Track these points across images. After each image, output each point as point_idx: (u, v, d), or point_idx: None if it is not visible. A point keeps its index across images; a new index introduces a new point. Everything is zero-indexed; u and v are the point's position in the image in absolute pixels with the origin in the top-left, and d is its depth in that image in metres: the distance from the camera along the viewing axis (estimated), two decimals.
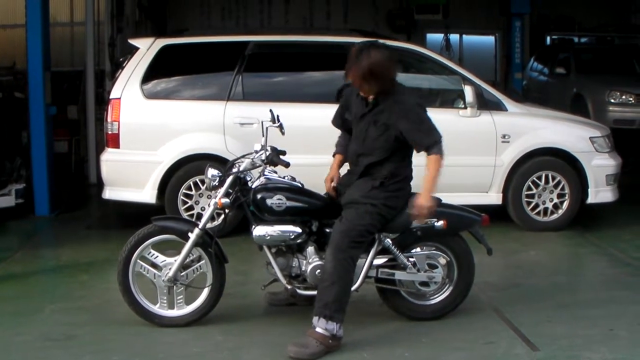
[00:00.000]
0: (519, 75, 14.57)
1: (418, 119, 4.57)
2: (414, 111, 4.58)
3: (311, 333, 4.44)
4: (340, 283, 4.46)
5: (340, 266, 4.46)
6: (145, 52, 7.39)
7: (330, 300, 4.43)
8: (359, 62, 4.49)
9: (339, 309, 4.46)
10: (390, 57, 4.59)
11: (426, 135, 4.56)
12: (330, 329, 4.42)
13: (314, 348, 4.39)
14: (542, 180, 7.56)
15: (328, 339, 4.43)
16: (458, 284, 4.95)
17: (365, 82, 4.53)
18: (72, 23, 14.79)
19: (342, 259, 4.47)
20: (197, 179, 7.14)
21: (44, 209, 8.36)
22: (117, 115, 7.22)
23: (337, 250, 4.47)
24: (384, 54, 4.55)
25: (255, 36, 8.03)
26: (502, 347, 4.61)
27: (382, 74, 4.51)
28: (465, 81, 7.49)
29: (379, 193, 4.59)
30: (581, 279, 6.49)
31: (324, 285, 4.48)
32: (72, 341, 4.69)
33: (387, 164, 4.62)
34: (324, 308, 4.44)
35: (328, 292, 4.45)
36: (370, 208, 4.55)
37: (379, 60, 4.49)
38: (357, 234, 4.52)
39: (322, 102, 7.17)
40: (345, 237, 4.49)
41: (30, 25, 8.38)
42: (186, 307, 4.84)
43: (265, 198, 4.63)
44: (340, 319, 4.47)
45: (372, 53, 4.51)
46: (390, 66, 4.56)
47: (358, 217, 4.53)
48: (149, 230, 4.78)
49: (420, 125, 4.57)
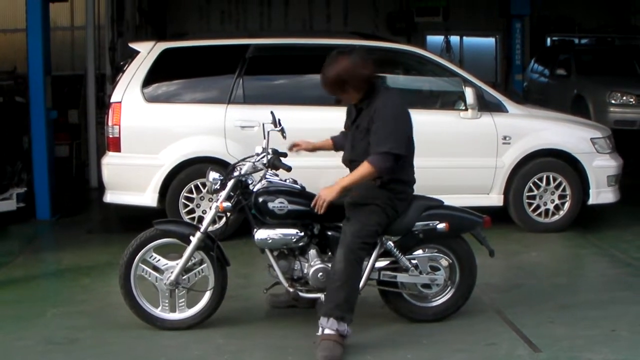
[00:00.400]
0: (520, 76, 14.57)
1: (383, 122, 4.46)
2: (385, 113, 4.48)
3: (328, 337, 4.41)
4: (350, 283, 4.46)
5: (351, 267, 4.46)
6: (145, 56, 7.40)
7: (341, 301, 4.43)
8: (325, 72, 4.52)
9: (349, 310, 4.46)
10: (359, 62, 4.51)
11: (381, 140, 4.43)
12: (342, 330, 4.43)
13: (339, 350, 4.39)
14: (543, 182, 7.55)
15: (342, 337, 4.43)
16: (460, 286, 4.95)
17: (338, 90, 4.55)
18: (73, 27, 14.80)
19: (353, 260, 4.47)
20: (198, 182, 7.14)
21: (45, 213, 8.36)
22: (118, 119, 7.23)
23: (349, 251, 4.46)
24: (351, 59, 4.50)
25: (256, 39, 8.04)
26: (504, 348, 4.61)
27: (350, 79, 4.48)
28: (466, 83, 7.49)
29: (382, 193, 4.59)
30: (582, 280, 6.48)
31: (334, 286, 4.46)
32: (74, 345, 4.69)
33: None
34: (335, 309, 4.43)
35: (339, 293, 4.44)
36: (374, 208, 4.55)
37: (345, 67, 4.48)
38: (367, 234, 4.52)
39: (323, 105, 7.17)
40: (357, 238, 4.48)
41: (30, 30, 8.38)
42: (188, 310, 4.84)
43: (267, 201, 4.63)
44: (351, 319, 4.47)
45: (339, 60, 4.51)
46: (358, 70, 4.49)
47: (367, 218, 4.53)
48: (150, 234, 4.79)
49: (383, 128, 4.45)
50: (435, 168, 7.23)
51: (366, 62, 4.56)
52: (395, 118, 4.49)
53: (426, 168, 7.00)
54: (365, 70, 4.52)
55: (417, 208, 4.73)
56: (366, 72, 4.52)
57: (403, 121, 4.54)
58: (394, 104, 4.56)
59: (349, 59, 4.51)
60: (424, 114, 7.48)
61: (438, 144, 7.37)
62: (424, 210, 4.75)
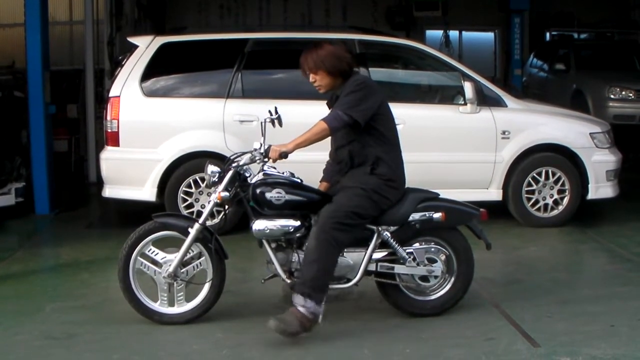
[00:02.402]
0: (519, 71, 14.58)
1: (343, 94, 4.64)
2: (345, 88, 4.66)
3: (293, 311, 4.49)
4: (321, 263, 4.49)
5: (321, 246, 4.49)
6: (144, 50, 7.39)
7: (308, 278, 4.48)
8: (308, 54, 4.72)
9: (317, 288, 4.48)
10: (339, 51, 4.72)
11: (338, 104, 4.63)
12: (309, 306, 4.46)
13: (295, 327, 4.44)
14: (542, 176, 7.56)
15: (306, 317, 4.46)
16: (457, 279, 4.95)
17: (311, 67, 4.69)
18: (71, 22, 14.78)
19: (324, 239, 4.49)
20: (197, 176, 7.14)
21: (44, 208, 8.37)
22: (116, 113, 7.22)
23: (320, 230, 4.51)
24: (334, 46, 4.74)
25: (255, 33, 8.04)
26: (503, 343, 4.61)
27: (325, 61, 4.65)
28: (465, 77, 7.49)
29: (369, 179, 4.65)
30: (581, 275, 6.49)
31: (304, 263, 4.54)
32: (73, 340, 4.69)
33: (369, 149, 4.67)
34: (302, 285, 4.49)
35: (308, 270, 4.49)
36: (359, 191, 4.60)
37: (326, 49, 4.68)
38: (343, 215, 4.54)
39: (321, 99, 7.14)
40: (330, 218, 4.52)
41: (29, 25, 8.38)
42: (186, 304, 4.84)
43: (265, 192, 4.64)
44: (319, 298, 4.49)
45: (322, 44, 4.75)
46: (335, 56, 4.67)
47: (346, 199, 4.59)
48: (149, 227, 4.79)
49: (342, 98, 4.63)
50: (434, 163, 7.25)
51: (345, 53, 4.74)
52: (354, 91, 4.63)
53: (425, 162, 7.10)
54: (343, 54, 4.71)
55: (413, 199, 4.76)
56: (344, 56, 4.71)
57: (364, 92, 4.64)
58: (355, 81, 4.70)
59: (332, 46, 4.75)
60: (423, 108, 7.50)
61: (437, 138, 7.38)
62: (420, 202, 4.78)
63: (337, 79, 4.72)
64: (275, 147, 4.56)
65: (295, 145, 4.57)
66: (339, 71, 4.70)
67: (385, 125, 4.74)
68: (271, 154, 4.56)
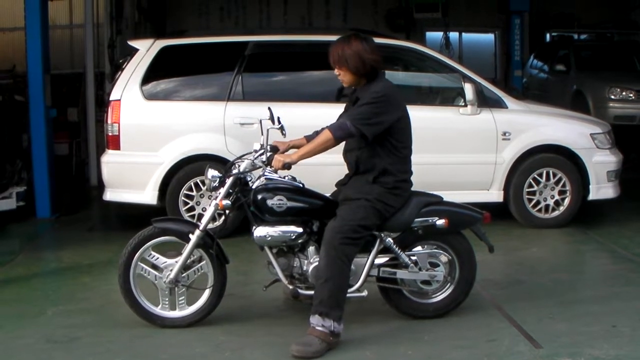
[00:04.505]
0: (519, 72, 14.56)
1: (361, 102, 4.56)
2: (366, 96, 4.57)
3: (311, 331, 4.45)
4: (334, 280, 4.46)
5: (333, 263, 4.46)
6: (144, 54, 7.40)
7: (325, 298, 4.44)
8: (335, 47, 4.61)
9: (334, 306, 4.45)
10: (367, 47, 4.60)
11: (349, 115, 4.55)
12: (328, 325, 4.43)
13: (316, 346, 4.40)
14: (543, 177, 7.56)
15: (328, 335, 4.43)
16: (460, 282, 4.95)
17: (338, 62, 4.59)
18: (72, 25, 14.78)
19: (335, 256, 4.46)
20: (197, 179, 7.14)
21: (45, 212, 8.37)
22: (117, 116, 7.23)
23: (329, 247, 4.47)
24: (363, 42, 4.60)
25: (255, 36, 8.03)
26: (505, 344, 4.61)
27: (350, 58, 4.54)
28: (465, 79, 7.49)
29: (373, 188, 4.59)
30: (583, 276, 6.48)
31: (318, 283, 4.49)
32: (75, 343, 4.69)
33: (377, 159, 4.61)
34: (319, 305, 4.45)
35: (322, 289, 4.45)
36: (363, 202, 4.55)
37: (354, 45, 4.56)
38: (350, 229, 4.50)
39: (322, 102, 7.18)
40: (337, 234, 4.48)
41: (29, 28, 8.39)
42: (188, 308, 4.84)
43: (266, 199, 4.62)
44: (337, 316, 4.46)
45: (351, 38, 4.62)
46: (362, 53, 4.56)
47: (351, 213, 4.53)
48: (149, 232, 4.78)
49: (357, 107, 4.55)
50: (435, 164, 7.24)
51: (371, 54, 4.60)
52: (370, 103, 4.53)
53: (426, 164, 7.06)
54: (368, 56, 4.57)
55: (416, 204, 4.72)
56: (373, 60, 4.58)
57: (380, 107, 4.53)
58: (375, 92, 4.57)
59: (360, 44, 4.59)
60: (424, 110, 7.49)
61: (438, 140, 7.38)
62: (423, 207, 4.73)
63: (360, 78, 4.63)
64: (279, 157, 4.51)
65: (299, 157, 4.51)
66: (361, 73, 4.62)
67: (400, 138, 4.65)
68: (274, 163, 4.50)
